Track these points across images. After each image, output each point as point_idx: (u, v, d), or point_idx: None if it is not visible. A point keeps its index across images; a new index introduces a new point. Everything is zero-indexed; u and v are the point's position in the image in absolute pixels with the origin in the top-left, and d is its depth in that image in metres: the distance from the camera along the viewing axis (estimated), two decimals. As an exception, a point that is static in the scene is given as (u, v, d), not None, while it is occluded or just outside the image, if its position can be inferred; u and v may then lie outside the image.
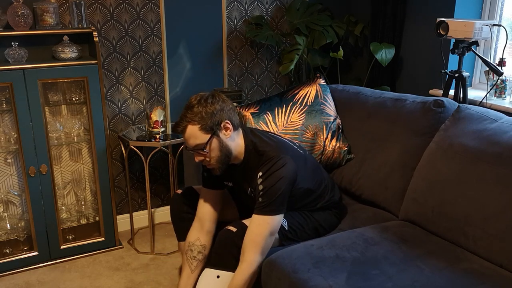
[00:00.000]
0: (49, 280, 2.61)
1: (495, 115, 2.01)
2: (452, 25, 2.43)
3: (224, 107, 1.85)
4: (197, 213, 2.07)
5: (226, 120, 1.85)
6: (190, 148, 1.86)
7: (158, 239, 3.05)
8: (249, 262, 1.80)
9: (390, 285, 1.61)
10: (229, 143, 1.88)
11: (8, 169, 2.76)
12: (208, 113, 1.81)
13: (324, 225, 2.08)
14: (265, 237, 1.81)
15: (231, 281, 1.82)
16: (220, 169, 1.90)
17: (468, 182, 1.85)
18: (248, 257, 1.81)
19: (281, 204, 1.83)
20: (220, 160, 1.87)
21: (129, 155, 2.99)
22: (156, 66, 3.02)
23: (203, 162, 1.89)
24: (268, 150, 1.89)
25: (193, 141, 1.83)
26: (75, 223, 3.04)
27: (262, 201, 1.82)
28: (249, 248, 1.81)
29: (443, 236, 1.93)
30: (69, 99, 2.78)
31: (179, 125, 1.84)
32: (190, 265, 2.03)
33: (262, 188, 1.82)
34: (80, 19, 2.63)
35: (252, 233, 1.82)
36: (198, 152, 1.85)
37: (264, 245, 1.82)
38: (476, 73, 2.91)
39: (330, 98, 2.56)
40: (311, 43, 3.15)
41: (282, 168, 1.83)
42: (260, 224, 1.81)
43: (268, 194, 1.81)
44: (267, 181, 1.82)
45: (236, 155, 1.93)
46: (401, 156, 2.19)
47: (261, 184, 1.83)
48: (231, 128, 1.87)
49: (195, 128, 1.81)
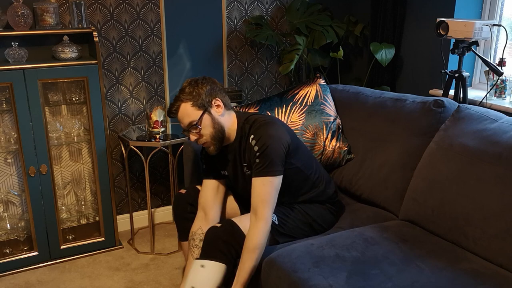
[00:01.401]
0: (49, 280, 2.61)
1: (495, 115, 2.01)
2: (452, 25, 2.43)
3: (214, 87, 1.97)
4: (199, 203, 2.10)
5: (216, 97, 1.96)
6: (185, 127, 1.95)
7: (158, 239, 3.05)
8: (264, 219, 1.85)
9: (390, 285, 1.61)
10: (221, 120, 1.96)
11: (8, 169, 2.76)
12: (200, 92, 1.93)
13: (320, 221, 2.08)
14: (271, 194, 1.87)
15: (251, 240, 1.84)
16: (215, 147, 1.97)
17: (468, 182, 1.85)
18: (262, 215, 1.85)
19: (279, 165, 1.88)
20: (214, 136, 1.95)
21: (129, 155, 2.99)
22: (156, 66, 3.02)
23: (198, 141, 1.96)
24: (258, 117, 2.00)
25: (186, 119, 1.93)
26: (75, 223, 3.04)
27: (259, 162, 1.87)
28: (260, 207, 1.85)
29: (443, 236, 1.93)
30: (69, 99, 2.78)
31: (173, 106, 1.95)
32: (193, 253, 2.05)
33: (257, 150, 1.87)
34: (80, 19, 2.64)
35: (259, 194, 1.87)
36: (192, 130, 1.94)
37: (272, 201, 1.88)
38: (476, 73, 2.91)
39: (330, 98, 2.56)
40: (311, 43, 3.15)
41: (272, 128, 1.91)
42: (263, 184, 1.86)
43: (264, 155, 1.86)
44: (260, 141, 1.88)
45: (229, 133, 2.00)
46: (401, 156, 2.19)
47: (255, 145, 1.88)
48: (222, 106, 1.97)
49: (187, 106, 1.92)
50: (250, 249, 1.82)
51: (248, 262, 1.82)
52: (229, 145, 2.03)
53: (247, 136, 1.95)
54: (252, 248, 1.82)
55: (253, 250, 1.82)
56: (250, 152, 1.91)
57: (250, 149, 1.91)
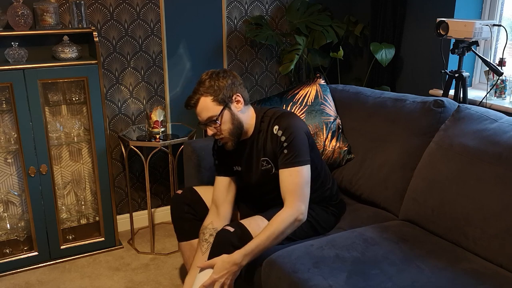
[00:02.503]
0: (49, 280, 2.61)
1: (495, 115, 2.01)
2: (452, 25, 2.43)
3: (235, 81, 1.93)
4: (212, 199, 2.10)
5: (237, 93, 1.92)
6: (203, 121, 1.91)
7: (158, 239, 3.05)
8: (293, 206, 1.83)
9: (390, 285, 1.61)
10: (240, 116, 1.94)
11: (8, 169, 2.76)
12: (220, 86, 1.88)
13: (322, 223, 2.07)
14: (301, 185, 1.86)
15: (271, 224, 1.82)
16: (232, 142, 1.95)
17: (468, 182, 1.85)
18: (291, 203, 1.84)
19: (306, 155, 1.88)
20: (232, 132, 1.93)
21: (129, 155, 2.99)
22: (156, 66, 3.02)
23: (215, 136, 1.95)
24: (277, 109, 2.00)
25: (205, 114, 1.89)
26: (75, 223, 3.04)
27: (288, 152, 1.86)
28: (290, 197, 1.85)
29: (443, 236, 1.93)
30: (69, 99, 2.78)
31: (192, 99, 1.90)
32: (201, 247, 2.04)
33: (284, 139, 1.87)
34: (80, 19, 2.63)
35: (287, 185, 1.86)
36: (210, 125, 1.91)
37: (302, 192, 1.86)
38: (476, 73, 2.91)
39: (330, 98, 2.56)
40: (311, 43, 3.15)
41: (296, 119, 1.94)
42: (291, 175, 1.86)
43: (292, 145, 1.86)
44: (287, 131, 1.87)
45: (247, 129, 1.99)
46: (401, 156, 2.19)
47: (282, 135, 1.88)
48: (242, 101, 1.94)
49: (207, 100, 1.87)
50: (268, 230, 1.81)
51: (260, 238, 1.80)
52: (246, 140, 2.02)
53: (268, 129, 1.95)
54: (271, 230, 1.80)
55: (271, 232, 1.80)
56: (276, 143, 1.91)
57: (275, 140, 1.90)
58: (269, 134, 1.94)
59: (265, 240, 1.80)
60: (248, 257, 1.80)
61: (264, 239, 1.80)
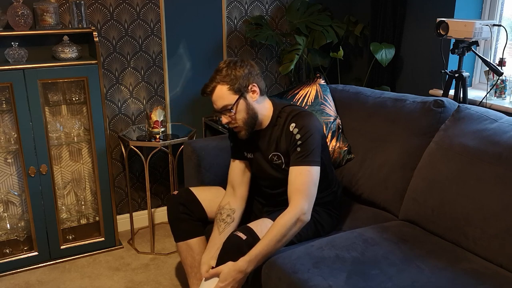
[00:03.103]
0: (49, 280, 2.61)
1: (495, 115, 2.01)
2: (452, 25, 2.43)
3: (252, 71, 1.94)
4: (229, 180, 2.13)
5: (254, 83, 1.93)
6: (218, 109, 1.93)
7: (158, 239, 3.05)
8: (296, 206, 1.83)
9: (390, 285, 1.61)
10: (255, 106, 1.95)
11: (8, 169, 2.76)
12: (237, 75, 1.89)
13: (326, 226, 2.08)
14: (308, 185, 1.86)
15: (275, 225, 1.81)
16: (246, 132, 1.96)
17: (468, 182, 1.85)
18: (295, 202, 1.84)
19: (317, 156, 1.89)
20: (246, 122, 1.94)
21: (129, 155, 2.99)
22: (156, 66, 3.02)
23: (229, 124, 1.96)
24: (295, 107, 2.01)
25: (221, 102, 1.90)
26: (75, 223, 3.04)
27: (301, 151, 1.88)
28: (295, 196, 1.85)
29: (443, 236, 1.93)
30: (69, 99, 2.78)
31: (208, 86, 1.91)
32: (219, 227, 2.04)
33: (299, 138, 1.88)
34: (80, 19, 2.63)
35: (295, 183, 1.86)
36: (225, 113, 1.92)
37: (309, 192, 1.86)
38: (476, 73, 2.91)
39: (330, 98, 2.56)
40: (311, 43, 3.15)
41: (313, 119, 1.95)
42: (301, 173, 1.86)
43: (306, 144, 1.88)
44: (303, 130, 1.89)
45: (261, 120, 2.00)
46: (401, 156, 2.19)
47: (298, 133, 1.89)
48: (258, 92, 1.95)
49: (224, 89, 1.89)
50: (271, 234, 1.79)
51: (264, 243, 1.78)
52: (261, 131, 2.03)
53: (284, 125, 1.95)
54: (273, 234, 1.79)
55: (273, 236, 1.79)
56: (289, 140, 1.92)
57: (290, 137, 1.91)
58: (284, 131, 1.95)
59: (268, 245, 1.79)
60: (253, 263, 1.79)
61: (267, 244, 1.79)
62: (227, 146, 2.28)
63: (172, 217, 2.14)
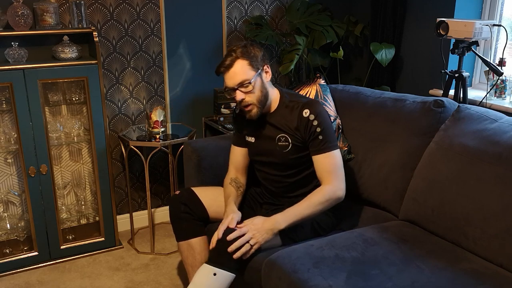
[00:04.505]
0: (49, 280, 2.61)
1: (495, 115, 2.01)
2: (452, 25, 2.43)
3: (265, 54, 2.05)
4: (230, 164, 2.22)
5: (267, 64, 2.03)
6: (235, 84, 1.95)
7: (158, 239, 3.05)
8: (331, 183, 1.91)
9: (390, 285, 1.61)
10: (267, 86, 2.03)
11: (8, 169, 2.76)
12: (256, 54, 1.98)
13: (323, 225, 2.07)
14: (338, 166, 1.95)
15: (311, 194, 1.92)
16: (258, 110, 2.00)
17: (468, 182, 1.85)
18: (328, 181, 1.92)
19: (336, 140, 1.98)
20: (260, 100, 1.99)
21: (129, 155, 2.99)
22: (156, 66, 3.02)
23: (242, 102, 1.99)
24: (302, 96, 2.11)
25: (240, 77, 1.94)
26: (75, 223, 3.04)
27: (323, 138, 1.95)
28: (327, 176, 1.93)
29: (443, 236, 1.93)
30: (69, 99, 2.78)
31: (226, 60, 1.94)
32: (237, 189, 2.13)
33: (317, 124, 1.95)
34: (80, 19, 2.64)
35: (325, 166, 1.94)
36: (241, 89, 1.95)
37: (340, 172, 1.95)
38: (476, 73, 2.91)
39: (330, 98, 2.56)
40: (311, 43, 3.15)
41: (323, 107, 2.02)
42: (327, 157, 1.94)
43: (325, 131, 1.96)
44: (319, 117, 1.96)
45: (270, 103, 2.06)
46: (401, 156, 2.19)
47: (315, 119, 1.95)
48: (270, 73, 2.04)
49: (244, 63, 1.94)
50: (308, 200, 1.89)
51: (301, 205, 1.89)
52: (267, 115, 2.08)
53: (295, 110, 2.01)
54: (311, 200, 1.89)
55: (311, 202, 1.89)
56: (306, 126, 1.97)
57: (306, 123, 1.96)
58: (297, 116, 2.00)
59: (305, 208, 1.88)
60: (286, 221, 1.87)
61: (304, 207, 1.88)
62: (227, 146, 2.28)
63: (173, 216, 2.14)
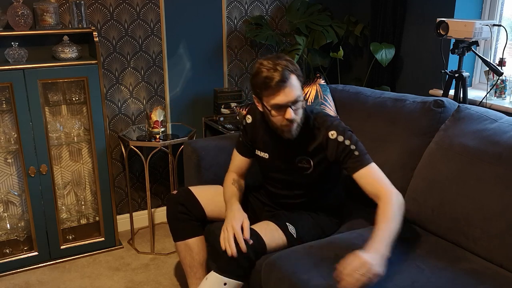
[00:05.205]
0: (49, 280, 2.61)
1: (495, 115, 2.01)
2: (452, 25, 2.43)
3: None
4: (232, 167, 2.17)
5: None
6: (291, 101, 1.80)
7: (158, 239, 3.05)
8: (390, 192, 1.80)
9: (390, 285, 1.61)
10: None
11: (8, 169, 2.76)
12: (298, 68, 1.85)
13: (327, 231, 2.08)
14: (382, 174, 1.88)
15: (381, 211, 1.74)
16: (298, 128, 1.89)
17: (468, 182, 1.85)
18: (384, 192, 1.80)
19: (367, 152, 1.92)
20: (301, 118, 1.88)
21: (129, 155, 2.99)
22: (156, 66, 3.02)
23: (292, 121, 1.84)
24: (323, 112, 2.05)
25: (295, 92, 1.80)
26: (75, 223, 3.04)
27: (359, 154, 1.88)
28: (380, 187, 1.82)
29: (443, 236, 1.93)
30: (69, 99, 2.78)
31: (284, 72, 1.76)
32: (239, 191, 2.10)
33: (349, 143, 1.89)
34: (80, 19, 2.63)
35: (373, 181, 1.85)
36: (293, 106, 1.81)
37: (385, 179, 1.86)
38: (476, 73, 2.91)
39: (330, 98, 2.56)
40: (311, 43, 3.15)
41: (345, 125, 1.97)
42: (370, 172, 1.87)
43: (358, 147, 1.90)
44: (347, 135, 1.90)
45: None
46: (401, 156, 2.19)
47: (345, 140, 1.89)
48: None
49: (297, 80, 1.82)
50: (386, 216, 1.71)
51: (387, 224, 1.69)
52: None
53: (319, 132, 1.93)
54: (389, 214, 1.72)
55: (391, 215, 1.72)
56: (338, 148, 1.89)
57: (337, 145, 1.89)
58: (324, 139, 1.92)
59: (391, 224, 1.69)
60: (389, 246, 1.64)
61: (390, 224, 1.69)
62: (227, 146, 2.28)
63: (171, 216, 2.14)
